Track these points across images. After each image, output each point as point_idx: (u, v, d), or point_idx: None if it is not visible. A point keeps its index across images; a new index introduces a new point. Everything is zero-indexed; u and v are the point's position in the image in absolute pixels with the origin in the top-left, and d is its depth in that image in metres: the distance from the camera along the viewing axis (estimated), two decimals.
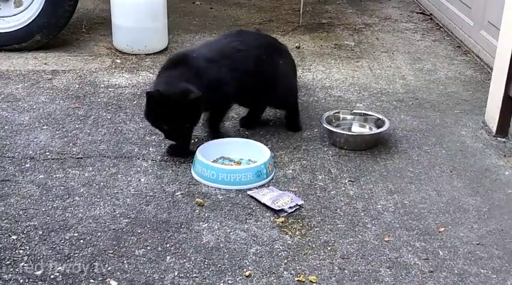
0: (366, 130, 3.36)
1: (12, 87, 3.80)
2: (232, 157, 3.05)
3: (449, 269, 2.36)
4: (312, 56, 4.53)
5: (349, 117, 3.42)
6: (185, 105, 2.82)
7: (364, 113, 3.45)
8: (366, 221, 2.64)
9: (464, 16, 4.80)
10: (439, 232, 2.58)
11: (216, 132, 3.18)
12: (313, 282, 2.27)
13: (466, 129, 3.47)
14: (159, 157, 3.06)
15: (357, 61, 4.45)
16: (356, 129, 3.37)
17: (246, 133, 3.34)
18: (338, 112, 3.44)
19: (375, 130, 3.31)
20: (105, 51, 4.46)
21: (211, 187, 2.82)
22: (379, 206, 2.74)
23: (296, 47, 4.68)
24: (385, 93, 3.92)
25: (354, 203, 2.76)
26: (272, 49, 3.26)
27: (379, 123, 3.33)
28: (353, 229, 2.59)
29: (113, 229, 2.52)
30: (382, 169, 3.04)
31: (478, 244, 2.50)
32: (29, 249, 2.38)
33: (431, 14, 5.60)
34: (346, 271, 2.33)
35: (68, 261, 2.33)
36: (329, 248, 2.46)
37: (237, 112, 3.51)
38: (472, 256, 2.43)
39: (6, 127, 3.31)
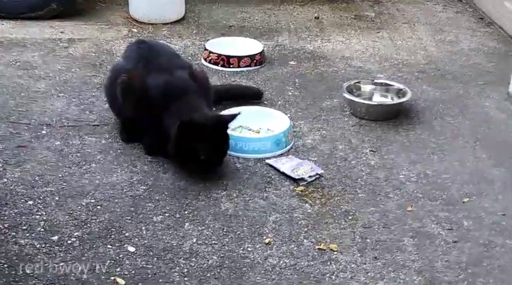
0: (387, 100, 3.28)
1: (28, 55, 3.76)
2: (251, 126, 3.00)
3: (474, 240, 2.30)
4: (332, 27, 4.45)
5: (370, 87, 3.35)
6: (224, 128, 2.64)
7: (385, 83, 3.37)
8: (388, 191, 2.58)
9: None
10: (463, 202, 2.52)
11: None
12: (334, 251, 2.22)
13: (490, 100, 3.39)
14: None
15: (378, 32, 4.36)
16: (377, 98, 3.30)
17: (265, 102, 3.28)
18: (359, 82, 3.36)
19: (396, 100, 3.23)
20: (122, 21, 4.40)
21: (230, 155, 2.76)
22: (401, 176, 2.68)
23: (315, 18, 4.60)
24: (406, 64, 3.84)
25: (375, 173, 2.70)
26: None
27: (400, 94, 3.26)
28: (374, 198, 2.53)
29: (130, 196, 2.48)
30: (404, 139, 2.98)
31: (503, 215, 2.44)
32: (46, 214, 2.35)
33: None
34: (368, 240, 2.28)
35: (84, 227, 2.30)
36: (350, 217, 2.41)
37: None
38: (497, 227, 2.37)
39: (22, 94, 3.27)
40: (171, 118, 2.59)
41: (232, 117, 2.65)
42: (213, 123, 2.59)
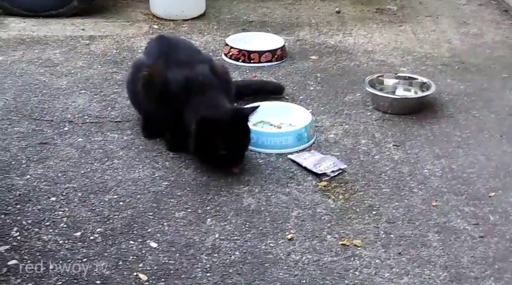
0: (410, 94, 3.24)
1: (50, 52, 3.77)
2: (273, 121, 2.97)
3: (500, 235, 2.26)
4: (353, 21, 4.41)
5: (393, 80, 3.30)
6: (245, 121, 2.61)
7: (409, 77, 3.33)
8: (412, 185, 2.54)
9: None
10: (489, 196, 2.47)
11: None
12: (358, 246, 2.20)
13: None
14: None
15: (400, 26, 4.31)
16: (400, 92, 3.26)
17: (286, 97, 3.26)
18: (382, 76, 3.32)
19: (420, 94, 3.19)
20: (143, 17, 4.41)
21: (252, 151, 2.74)
22: (426, 170, 2.64)
23: (336, 12, 4.56)
24: (429, 57, 3.79)
25: (399, 168, 2.66)
26: None
27: (424, 87, 3.21)
28: (399, 193, 2.50)
29: (153, 192, 2.48)
30: (428, 133, 2.93)
31: None
32: (68, 210, 2.36)
33: None
34: (392, 235, 2.25)
35: (107, 223, 2.30)
36: (374, 213, 2.38)
37: None
38: None
39: (44, 91, 3.28)
40: (191, 113, 2.58)
41: (252, 109, 2.63)
42: (230, 118, 2.57)
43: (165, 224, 2.29)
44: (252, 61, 3.66)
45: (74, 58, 3.70)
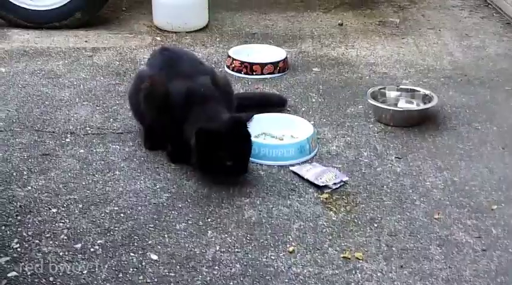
0: (413, 106, 3.24)
1: (52, 63, 3.78)
2: (274, 133, 2.97)
3: (503, 248, 2.24)
4: (356, 33, 4.41)
5: (395, 93, 3.30)
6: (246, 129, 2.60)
7: (411, 89, 3.33)
8: (414, 198, 2.53)
9: None
10: (492, 209, 2.46)
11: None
12: (360, 259, 2.18)
13: None
14: None
15: (402, 38, 4.32)
16: (403, 104, 3.25)
17: (288, 109, 3.25)
18: (384, 88, 3.32)
19: (422, 106, 3.19)
20: (146, 29, 4.42)
21: (253, 162, 2.73)
22: (428, 183, 2.63)
23: (339, 24, 4.57)
24: (432, 70, 3.79)
25: (401, 180, 2.65)
26: None
27: (426, 99, 3.21)
28: (400, 205, 2.49)
29: (154, 203, 2.47)
30: (431, 146, 2.93)
31: None
32: (69, 222, 2.35)
33: None
34: (393, 248, 2.24)
35: (108, 234, 2.29)
36: (375, 225, 2.37)
37: None
38: None
39: (46, 102, 3.29)
40: (191, 125, 2.58)
41: (249, 116, 2.63)
42: (229, 127, 2.55)
43: (165, 236, 2.29)
44: (254, 73, 3.67)
45: (77, 69, 3.71)
